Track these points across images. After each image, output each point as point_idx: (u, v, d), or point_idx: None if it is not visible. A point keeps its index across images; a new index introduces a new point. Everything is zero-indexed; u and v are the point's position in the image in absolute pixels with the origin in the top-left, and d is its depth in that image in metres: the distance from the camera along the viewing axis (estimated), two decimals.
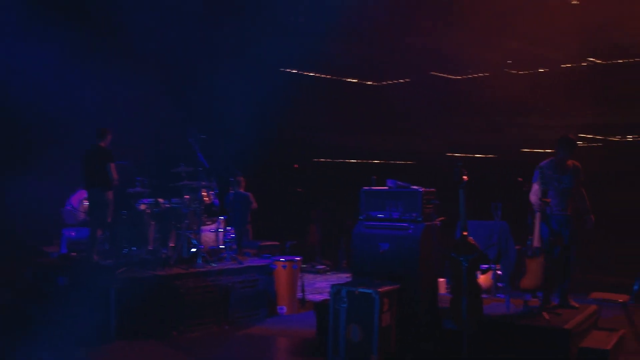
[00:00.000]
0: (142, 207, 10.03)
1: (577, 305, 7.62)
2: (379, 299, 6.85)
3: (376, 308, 6.84)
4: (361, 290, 6.99)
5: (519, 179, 8.92)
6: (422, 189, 7.64)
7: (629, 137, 23.51)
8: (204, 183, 10.08)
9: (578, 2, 20.78)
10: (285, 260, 9.81)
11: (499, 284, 9.03)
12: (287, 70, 18.95)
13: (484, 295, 7.37)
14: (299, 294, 10.13)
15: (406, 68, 20.19)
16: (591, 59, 20.41)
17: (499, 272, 8.96)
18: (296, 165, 19.67)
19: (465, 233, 6.98)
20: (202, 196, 10.07)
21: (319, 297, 10.36)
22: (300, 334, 8.54)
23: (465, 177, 6.96)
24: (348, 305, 7.02)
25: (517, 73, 21.39)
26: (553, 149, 7.92)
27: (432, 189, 7.83)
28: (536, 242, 7.24)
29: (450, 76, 21.41)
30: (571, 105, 20.29)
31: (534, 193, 7.64)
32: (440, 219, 7.85)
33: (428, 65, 20.02)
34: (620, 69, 19.04)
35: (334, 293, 7.16)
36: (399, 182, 7.83)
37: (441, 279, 8.74)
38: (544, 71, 21.16)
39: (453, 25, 16.01)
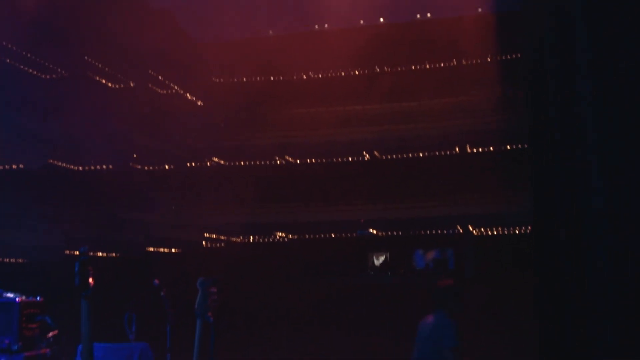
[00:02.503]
0: None
1: None
2: None
3: None
4: None
5: (156, 280, 6.45)
6: (20, 298, 4.65)
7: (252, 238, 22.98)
8: None
9: (202, 105, 20.15)
10: None
11: None
12: None
13: None
14: None
15: (19, 153, 17.04)
16: (215, 159, 19.59)
17: None
18: None
19: None
20: None
21: None
22: None
23: (91, 279, 4.23)
24: None
25: (142, 168, 19.64)
26: None
27: (38, 299, 4.88)
28: None
29: (71, 166, 18.71)
30: (200, 206, 19.02)
31: None
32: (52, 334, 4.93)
33: (46, 153, 17.21)
34: (246, 171, 18.65)
35: None
36: None
37: None
38: (170, 168, 19.76)
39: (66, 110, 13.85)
